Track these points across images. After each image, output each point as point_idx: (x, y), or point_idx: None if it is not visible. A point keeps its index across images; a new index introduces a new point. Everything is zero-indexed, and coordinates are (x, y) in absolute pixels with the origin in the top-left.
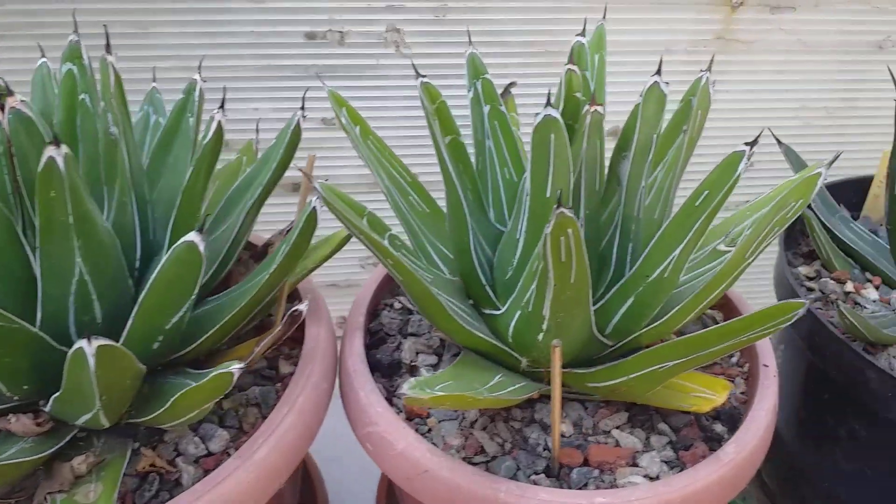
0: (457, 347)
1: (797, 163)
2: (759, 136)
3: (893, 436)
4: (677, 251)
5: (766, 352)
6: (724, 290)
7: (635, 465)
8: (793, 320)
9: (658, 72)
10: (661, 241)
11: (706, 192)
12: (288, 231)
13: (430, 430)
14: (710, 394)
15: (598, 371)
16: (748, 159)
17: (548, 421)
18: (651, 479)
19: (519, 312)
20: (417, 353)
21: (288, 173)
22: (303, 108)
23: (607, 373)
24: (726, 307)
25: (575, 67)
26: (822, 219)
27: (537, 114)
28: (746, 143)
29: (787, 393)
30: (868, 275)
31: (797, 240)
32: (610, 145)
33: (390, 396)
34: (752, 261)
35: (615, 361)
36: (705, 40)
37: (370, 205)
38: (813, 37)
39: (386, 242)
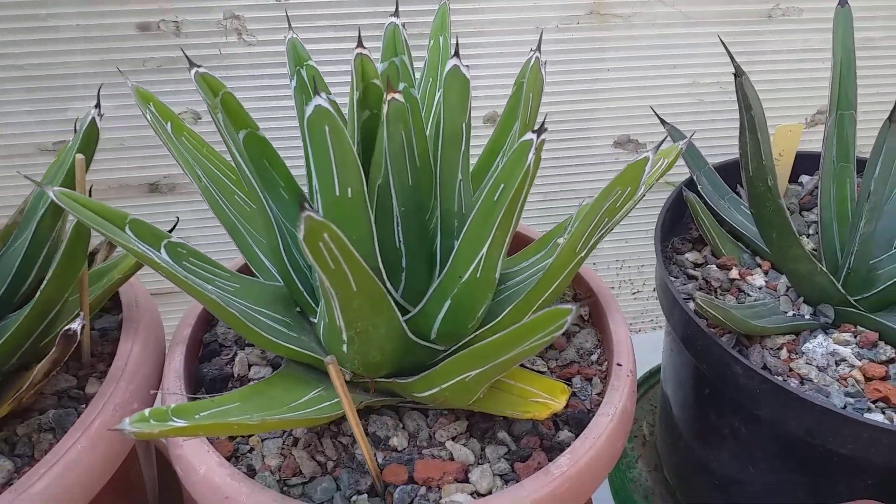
0: None
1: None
2: (544, 121)
3: (769, 433)
4: (484, 249)
5: (623, 349)
6: (562, 285)
7: (466, 480)
8: (564, 328)
9: (456, 54)
10: (466, 239)
11: (502, 186)
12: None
13: (251, 450)
14: (549, 399)
15: (416, 381)
16: (536, 150)
17: (381, 434)
18: (480, 495)
19: (323, 322)
20: (250, 366)
21: (143, 173)
22: (98, 105)
23: (423, 383)
24: (594, 304)
25: (365, 51)
26: (710, 202)
27: (306, 104)
28: (533, 131)
29: (677, 387)
30: (759, 259)
31: (687, 224)
32: (487, 132)
33: None
34: (587, 255)
35: (429, 370)
36: (578, 16)
37: None
38: (695, 7)
39: (160, 254)
